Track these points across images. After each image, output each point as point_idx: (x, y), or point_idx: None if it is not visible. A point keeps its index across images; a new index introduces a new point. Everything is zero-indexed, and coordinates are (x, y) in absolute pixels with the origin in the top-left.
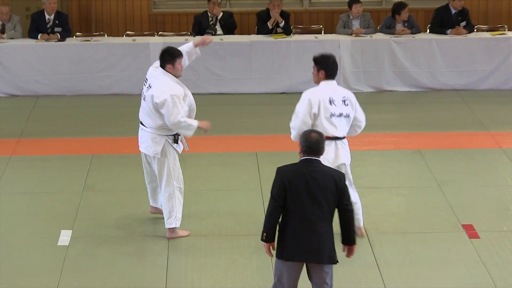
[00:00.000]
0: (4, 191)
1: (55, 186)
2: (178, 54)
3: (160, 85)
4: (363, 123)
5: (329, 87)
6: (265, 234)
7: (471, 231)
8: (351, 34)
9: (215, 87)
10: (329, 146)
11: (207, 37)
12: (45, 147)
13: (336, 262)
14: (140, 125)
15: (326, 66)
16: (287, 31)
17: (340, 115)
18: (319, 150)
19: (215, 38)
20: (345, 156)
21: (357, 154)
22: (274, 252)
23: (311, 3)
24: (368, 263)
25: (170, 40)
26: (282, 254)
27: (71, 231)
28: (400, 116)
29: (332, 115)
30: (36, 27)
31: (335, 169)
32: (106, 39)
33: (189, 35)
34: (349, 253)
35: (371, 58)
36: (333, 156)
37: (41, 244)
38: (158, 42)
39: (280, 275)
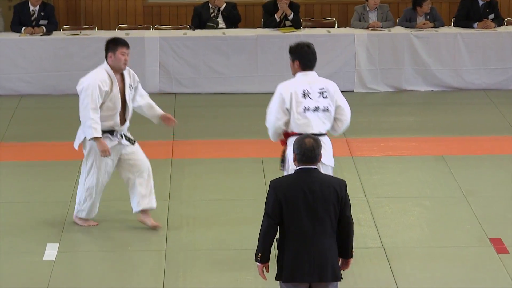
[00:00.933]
0: None
1: (40, 195)
2: (122, 43)
3: (88, 74)
4: (345, 117)
5: (305, 79)
6: (259, 254)
7: (499, 246)
8: (367, 28)
9: (216, 86)
10: None
11: (171, 120)
12: (29, 152)
13: (340, 279)
14: None
15: (301, 56)
16: (296, 24)
17: (316, 109)
18: (315, 158)
19: (217, 32)
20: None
21: (374, 160)
22: (267, 275)
23: None
24: (385, 279)
25: (167, 34)
26: (281, 275)
27: (57, 244)
28: (422, 119)
29: (306, 109)
30: (19, 20)
31: (335, 177)
32: (97, 33)
33: (188, 29)
34: (344, 266)
35: (389, 54)
36: None
37: (25, 259)
38: (154, 37)
39: None
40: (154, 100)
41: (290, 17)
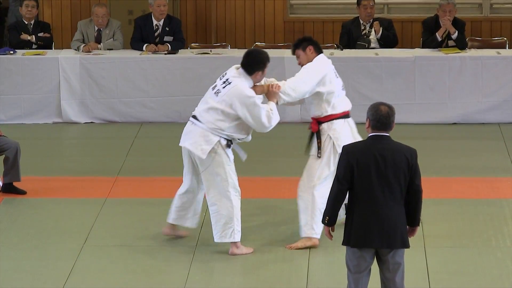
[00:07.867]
0: (97, 243)
1: (160, 237)
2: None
3: (243, 83)
4: None
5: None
6: (327, 217)
7: None
8: None
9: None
10: None
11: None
12: (148, 188)
13: (408, 246)
14: (192, 119)
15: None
16: (461, 45)
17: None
18: (389, 124)
19: (369, 52)
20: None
21: None
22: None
23: (493, 8)
24: None
25: None
26: (348, 241)
27: None
28: None
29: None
30: (140, 36)
31: (406, 146)
32: (230, 52)
33: (335, 48)
34: (410, 234)
35: None
36: None
37: None
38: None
39: (349, 263)
40: (293, 129)
41: (454, 36)
